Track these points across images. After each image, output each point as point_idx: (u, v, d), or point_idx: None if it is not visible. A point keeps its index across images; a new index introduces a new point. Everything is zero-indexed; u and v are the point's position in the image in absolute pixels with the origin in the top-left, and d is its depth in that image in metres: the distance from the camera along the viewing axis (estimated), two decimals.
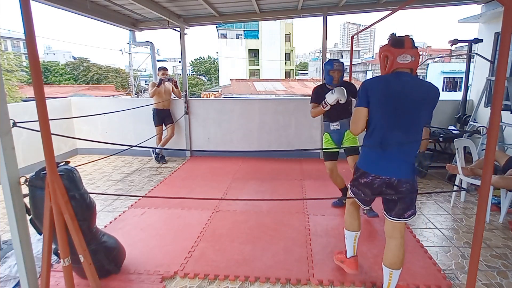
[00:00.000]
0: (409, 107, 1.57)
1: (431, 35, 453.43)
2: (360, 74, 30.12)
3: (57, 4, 3.50)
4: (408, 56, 1.58)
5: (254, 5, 4.35)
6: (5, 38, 33.32)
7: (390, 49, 1.61)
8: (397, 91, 1.58)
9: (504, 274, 2.06)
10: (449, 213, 3.00)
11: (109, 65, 28.89)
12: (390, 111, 1.59)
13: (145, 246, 2.42)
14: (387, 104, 1.60)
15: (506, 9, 1.16)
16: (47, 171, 1.49)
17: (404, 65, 1.60)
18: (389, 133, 1.62)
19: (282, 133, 5.05)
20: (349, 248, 2.01)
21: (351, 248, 2.00)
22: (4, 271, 2.00)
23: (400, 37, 1.64)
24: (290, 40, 34.84)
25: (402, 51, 1.58)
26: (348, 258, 2.01)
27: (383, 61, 1.68)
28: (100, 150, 5.05)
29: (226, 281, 2.01)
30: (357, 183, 1.77)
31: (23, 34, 1.32)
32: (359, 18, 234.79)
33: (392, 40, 1.64)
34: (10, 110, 1.45)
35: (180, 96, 5.03)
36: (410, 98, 1.57)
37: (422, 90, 1.59)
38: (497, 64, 1.21)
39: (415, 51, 1.60)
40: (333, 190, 3.49)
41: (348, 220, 1.99)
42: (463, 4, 4.52)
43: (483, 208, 1.30)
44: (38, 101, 1.39)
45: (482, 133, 1.42)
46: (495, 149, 1.31)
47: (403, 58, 1.59)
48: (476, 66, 4.83)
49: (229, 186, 3.78)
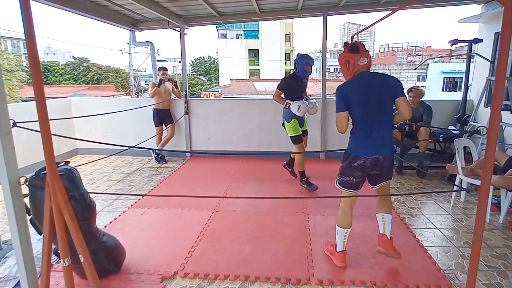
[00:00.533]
0: (378, 96, 1.92)
1: (431, 35, 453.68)
2: None
3: (57, 4, 3.50)
4: (364, 58, 1.96)
5: (254, 5, 4.35)
6: (5, 38, 33.33)
7: (350, 55, 1.97)
8: (366, 87, 1.93)
9: (504, 274, 2.06)
10: (449, 213, 3.00)
11: (109, 65, 28.89)
12: (366, 104, 1.92)
13: (145, 246, 2.42)
14: (363, 99, 1.92)
15: (506, 9, 1.16)
16: (47, 171, 1.49)
17: (363, 66, 1.97)
18: (369, 121, 1.93)
19: (282, 133, 5.02)
20: (339, 243, 2.15)
21: (341, 243, 2.14)
22: (4, 271, 2.00)
23: (354, 44, 2.00)
24: (290, 40, 34.84)
25: (359, 55, 1.95)
26: (338, 252, 2.15)
27: (345, 66, 2.01)
28: (100, 150, 5.04)
29: (226, 281, 2.01)
30: (349, 169, 2.00)
31: (23, 34, 1.32)
32: (359, 18, 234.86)
33: (349, 48, 1.99)
34: (10, 110, 1.45)
35: (180, 96, 5.03)
36: (377, 89, 1.92)
37: (383, 81, 1.95)
38: (497, 64, 1.21)
39: (368, 54, 1.99)
40: (333, 190, 3.49)
41: (340, 217, 2.12)
42: (463, 4, 4.52)
43: (483, 208, 1.30)
44: (38, 101, 1.39)
45: (482, 133, 1.43)
46: (495, 149, 1.31)
47: (361, 61, 1.96)
48: (476, 66, 4.83)
49: (229, 186, 3.78)
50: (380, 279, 2.00)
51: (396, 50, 62.78)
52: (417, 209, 3.11)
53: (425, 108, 4.03)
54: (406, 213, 3.00)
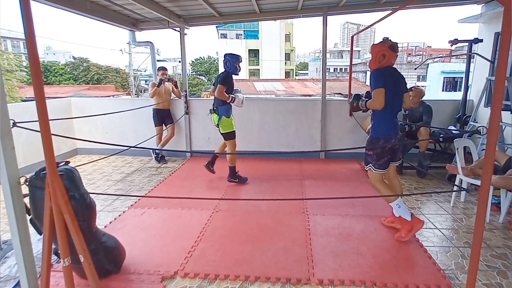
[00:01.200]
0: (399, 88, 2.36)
1: (431, 35, 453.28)
2: (360, 74, 30.08)
3: (57, 4, 3.50)
4: (395, 59, 2.35)
5: (254, 5, 4.35)
6: (5, 38, 33.31)
7: (389, 50, 2.28)
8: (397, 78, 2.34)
9: (504, 274, 2.06)
10: (449, 213, 3.00)
11: (109, 65, 28.85)
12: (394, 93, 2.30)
13: (145, 246, 2.42)
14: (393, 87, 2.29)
15: (506, 9, 1.16)
16: (47, 171, 1.49)
17: (391, 63, 2.34)
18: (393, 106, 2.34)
19: (282, 133, 5.05)
20: (405, 213, 2.38)
21: (406, 211, 2.38)
22: (4, 271, 2.00)
23: (396, 44, 2.32)
24: (290, 40, 34.84)
25: (395, 54, 2.31)
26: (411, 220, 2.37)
27: (379, 57, 2.30)
28: (100, 150, 5.04)
29: (226, 281, 2.01)
30: (382, 152, 2.36)
31: (23, 34, 1.32)
32: (359, 18, 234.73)
33: (390, 45, 2.29)
34: (10, 110, 1.45)
35: (180, 96, 5.03)
36: (399, 82, 2.36)
37: (402, 77, 2.40)
38: (497, 64, 1.21)
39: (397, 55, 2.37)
40: (334, 190, 3.49)
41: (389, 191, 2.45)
42: (463, 4, 4.52)
43: (483, 208, 1.30)
44: (38, 101, 1.39)
45: (482, 133, 1.44)
46: (495, 149, 1.31)
47: (394, 60, 2.32)
48: (476, 66, 4.83)
49: (229, 186, 3.78)
50: (380, 279, 2.00)
51: None
52: (417, 209, 3.11)
53: (425, 108, 4.03)
54: None
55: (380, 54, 2.29)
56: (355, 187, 3.68)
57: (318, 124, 4.90)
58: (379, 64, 2.30)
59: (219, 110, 3.56)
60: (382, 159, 2.37)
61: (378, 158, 2.37)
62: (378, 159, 2.37)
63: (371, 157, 2.40)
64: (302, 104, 5.01)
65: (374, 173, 2.42)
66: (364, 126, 4.37)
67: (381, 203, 3.22)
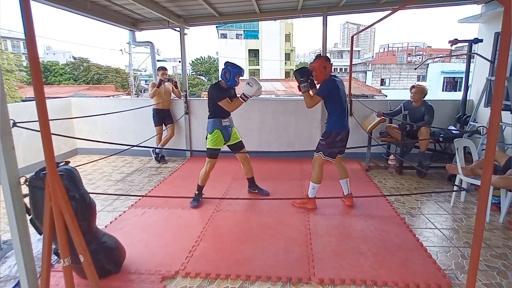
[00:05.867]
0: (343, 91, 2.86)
1: (431, 35, 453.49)
2: (360, 74, 30.03)
3: (57, 4, 3.50)
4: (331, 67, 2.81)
5: (254, 5, 4.35)
6: (5, 38, 33.31)
7: (326, 62, 2.76)
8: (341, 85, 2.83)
9: (504, 274, 2.06)
10: (449, 213, 3.00)
11: (109, 65, 28.84)
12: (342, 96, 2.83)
13: (146, 246, 2.42)
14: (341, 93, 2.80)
15: (506, 9, 1.16)
16: (47, 171, 1.49)
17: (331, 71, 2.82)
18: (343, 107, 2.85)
19: (282, 133, 5.05)
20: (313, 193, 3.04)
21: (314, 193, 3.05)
22: (4, 271, 2.00)
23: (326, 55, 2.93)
24: (290, 40, 34.82)
25: (331, 64, 2.78)
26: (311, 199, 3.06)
27: (322, 70, 2.75)
28: (100, 150, 5.05)
29: (227, 280, 2.01)
30: (333, 142, 2.84)
31: (23, 34, 1.31)
32: (359, 18, 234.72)
33: (324, 57, 2.81)
34: (10, 110, 1.44)
35: (180, 96, 5.03)
36: (343, 88, 2.85)
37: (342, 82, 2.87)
38: (497, 64, 1.21)
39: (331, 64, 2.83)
40: (333, 190, 3.49)
41: (319, 176, 2.98)
42: (463, 4, 4.52)
43: (483, 208, 1.30)
44: (38, 101, 1.39)
45: (482, 133, 1.44)
46: (495, 149, 1.31)
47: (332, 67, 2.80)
48: (476, 66, 4.83)
49: (229, 186, 3.78)
50: (381, 278, 2.00)
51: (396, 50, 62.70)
52: (417, 209, 3.11)
53: (427, 108, 4.02)
54: (406, 213, 3.00)
55: (321, 66, 2.73)
56: (355, 187, 3.68)
57: (318, 124, 4.90)
58: (324, 75, 2.76)
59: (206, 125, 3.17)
60: (332, 149, 2.84)
61: (328, 147, 2.84)
62: (328, 147, 2.84)
63: (323, 146, 2.87)
64: (302, 104, 4.97)
65: (323, 159, 2.90)
66: (364, 126, 4.37)
67: (381, 202, 3.22)
